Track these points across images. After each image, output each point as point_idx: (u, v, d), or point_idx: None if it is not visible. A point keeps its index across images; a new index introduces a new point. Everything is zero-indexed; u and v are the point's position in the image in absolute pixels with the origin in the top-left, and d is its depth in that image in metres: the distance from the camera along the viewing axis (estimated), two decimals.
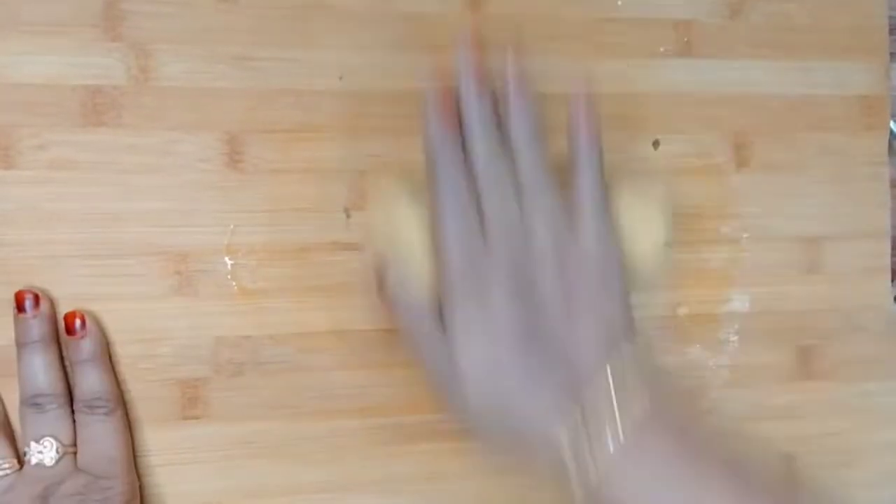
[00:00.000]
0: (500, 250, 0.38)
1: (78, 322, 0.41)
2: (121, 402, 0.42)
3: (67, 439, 0.40)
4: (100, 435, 0.40)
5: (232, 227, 0.44)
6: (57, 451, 0.39)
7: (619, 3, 0.48)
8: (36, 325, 0.40)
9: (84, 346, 0.41)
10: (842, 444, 0.49)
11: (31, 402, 0.40)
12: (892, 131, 0.51)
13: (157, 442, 0.43)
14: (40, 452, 0.39)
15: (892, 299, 0.51)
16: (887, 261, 0.51)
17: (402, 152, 0.45)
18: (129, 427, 0.42)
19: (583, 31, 0.48)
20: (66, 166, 0.42)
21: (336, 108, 0.45)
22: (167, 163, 0.43)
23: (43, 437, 0.39)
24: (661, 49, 0.49)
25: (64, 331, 0.41)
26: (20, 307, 0.41)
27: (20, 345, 0.40)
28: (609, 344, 0.37)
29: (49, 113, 0.42)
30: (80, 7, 0.43)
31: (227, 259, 0.44)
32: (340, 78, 0.45)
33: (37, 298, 0.41)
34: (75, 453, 0.40)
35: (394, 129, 0.45)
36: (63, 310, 0.42)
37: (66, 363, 0.41)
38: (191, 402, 0.43)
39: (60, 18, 0.42)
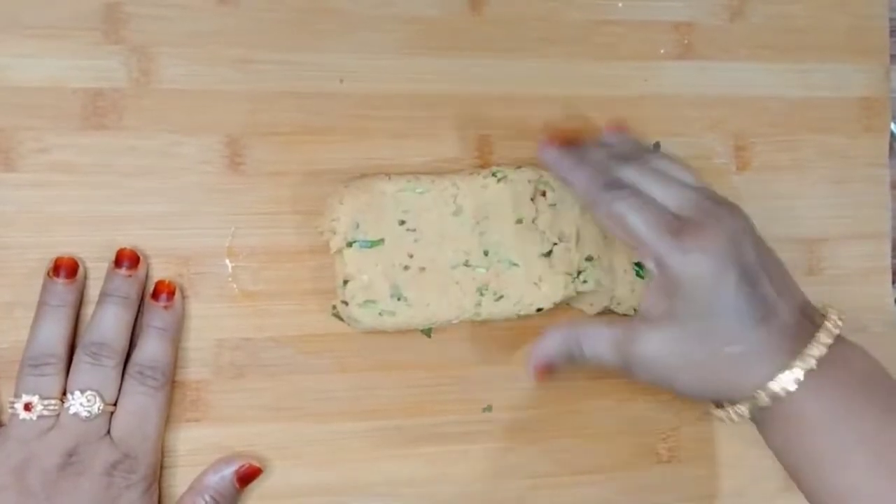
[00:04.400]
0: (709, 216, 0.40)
1: (166, 293, 0.42)
2: (170, 384, 0.42)
3: (110, 398, 0.40)
4: (142, 407, 0.40)
5: (233, 229, 0.44)
6: (98, 408, 0.39)
7: (620, 5, 0.48)
8: (125, 284, 0.41)
9: (162, 315, 0.42)
10: None
11: (90, 350, 0.40)
12: (892, 133, 0.51)
13: None
14: (81, 404, 0.39)
15: (892, 301, 0.51)
16: (888, 262, 0.51)
17: (403, 155, 0.45)
18: (167, 411, 0.42)
19: (583, 33, 0.48)
20: (67, 169, 0.42)
21: (337, 111, 0.45)
22: (168, 165, 0.43)
23: (88, 389, 0.39)
24: (662, 51, 0.49)
25: (150, 294, 0.42)
26: (118, 264, 0.41)
27: (103, 295, 0.41)
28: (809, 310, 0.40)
29: (50, 116, 0.42)
30: (81, 10, 0.43)
31: (227, 261, 0.44)
32: (341, 80, 0.45)
33: (136, 261, 0.42)
34: (112, 413, 0.40)
35: (394, 131, 0.45)
36: None
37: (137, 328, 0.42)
38: (192, 404, 0.43)
39: (61, 21, 0.42)
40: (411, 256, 0.43)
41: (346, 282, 0.43)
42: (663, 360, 0.40)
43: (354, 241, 0.43)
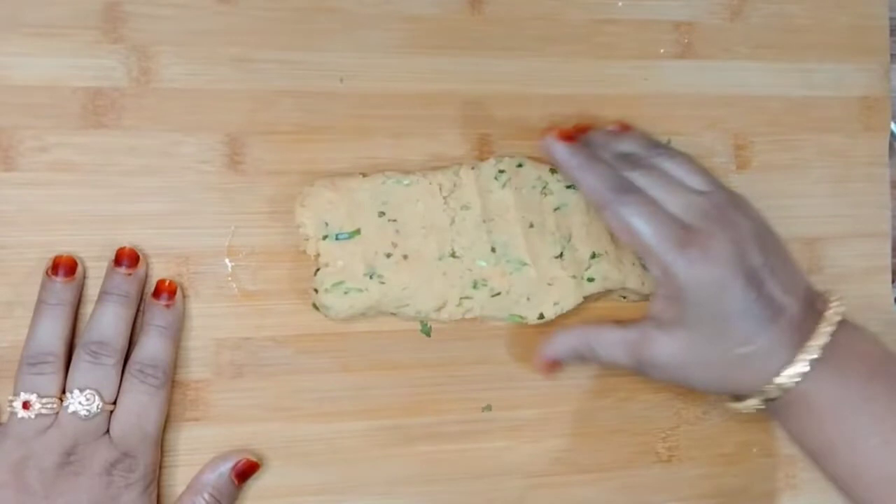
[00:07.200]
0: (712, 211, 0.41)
1: (168, 292, 0.42)
2: (170, 382, 0.42)
3: (109, 397, 0.40)
4: (142, 405, 0.40)
5: (233, 228, 0.44)
6: (97, 407, 0.39)
7: (620, 4, 0.48)
8: (125, 283, 0.41)
9: (163, 314, 0.41)
10: None
11: (89, 348, 0.40)
12: (892, 133, 0.51)
13: None
14: (80, 403, 0.39)
15: (892, 300, 0.51)
16: (887, 261, 0.51)
17: (403, 154, 0.45)
18: (167, 410, 0.42)
19: (583, 33, 0.48)
20: (67, 168, 0.42)
21: (336, 110, 0.45)
22: (168, 165, 0.43)
23: (88, 387, 0.39)
24: (662, 50, 0.49)
25: (151, 292, 0.42)
26: (118, 262, 0.41)
27: (103, 293, 0.41)
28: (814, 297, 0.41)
29: (50, 115, 0.42)
30: (80, 9, 0.43)
31: (227, 261, 0.44)
32: (341, 80, 0.45)
33: (135, 260, 0.42)
34: (111, 412, 0.40)
35: (394, 130, 0.45)
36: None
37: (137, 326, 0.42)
38: (192, 403, 0.43)
39: (61, 20, 0.42)
40: (395, 245, 0.43)
41: (317, 270, 0.43)
42: (676, 362, 0.41)
43: (327, 236, 0.43)
